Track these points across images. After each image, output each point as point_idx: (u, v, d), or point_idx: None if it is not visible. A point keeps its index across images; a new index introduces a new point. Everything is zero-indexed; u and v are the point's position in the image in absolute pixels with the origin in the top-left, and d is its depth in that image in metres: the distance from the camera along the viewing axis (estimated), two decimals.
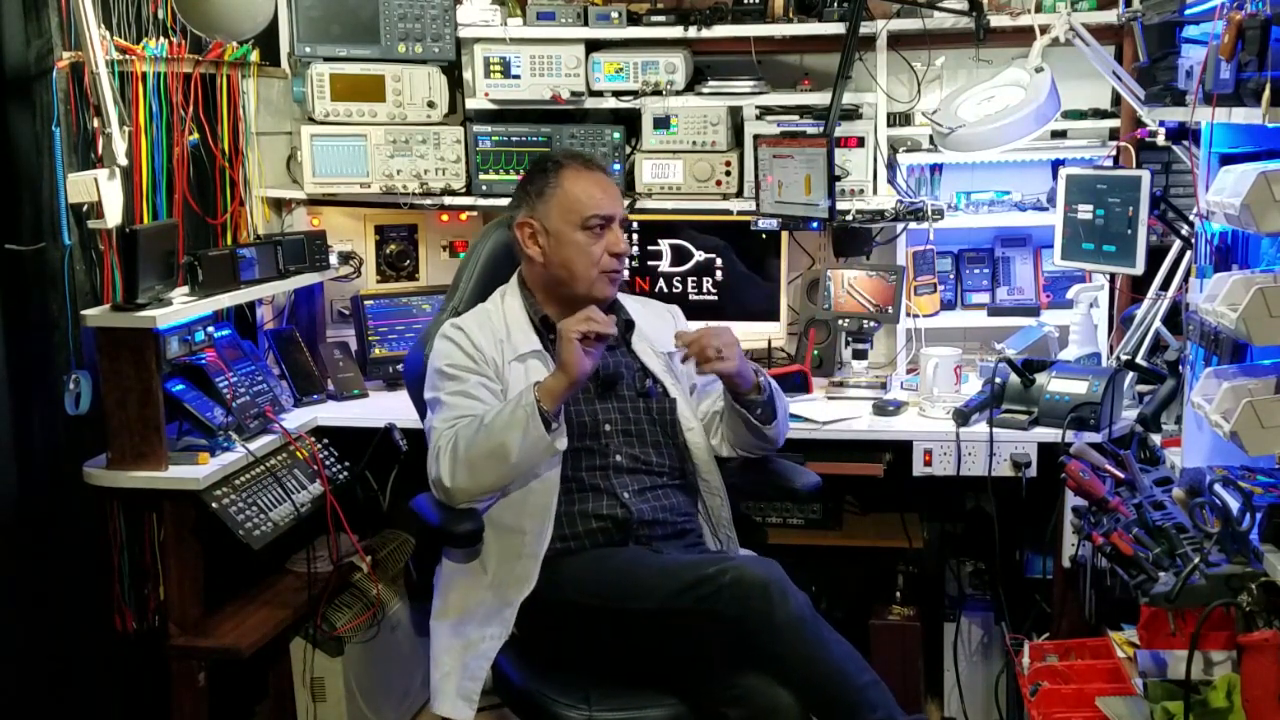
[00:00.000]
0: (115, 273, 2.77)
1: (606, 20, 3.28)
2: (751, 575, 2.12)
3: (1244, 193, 1.90)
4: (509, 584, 2.34)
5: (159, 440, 2.69)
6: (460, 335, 2.45)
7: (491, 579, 2.36)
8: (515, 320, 2.50)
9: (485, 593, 2.36)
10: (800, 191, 3.15)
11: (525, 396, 2.27)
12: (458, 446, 2.30)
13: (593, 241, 2.43)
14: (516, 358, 2.44)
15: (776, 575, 2.14)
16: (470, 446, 2.28)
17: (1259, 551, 1.92)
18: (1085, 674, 2.44)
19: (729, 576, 2.11)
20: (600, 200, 2.44)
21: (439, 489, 2.33)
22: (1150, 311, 2.92)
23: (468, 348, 2.43)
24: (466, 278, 2.67)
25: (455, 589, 2.41)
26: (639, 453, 2.47)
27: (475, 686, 2.33)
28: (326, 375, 3.31)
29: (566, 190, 2.45)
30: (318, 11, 3.34)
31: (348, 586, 3.09)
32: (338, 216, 3.57)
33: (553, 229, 2.45)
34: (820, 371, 3.32)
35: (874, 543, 3.33)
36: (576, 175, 2.46)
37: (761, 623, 2.09)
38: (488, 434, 2.27)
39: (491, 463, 2.27)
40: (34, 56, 2.63)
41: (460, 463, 2.29)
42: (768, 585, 2.10)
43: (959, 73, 3.34)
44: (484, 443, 2.27)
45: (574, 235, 2.43)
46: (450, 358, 2.43)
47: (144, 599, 2.86)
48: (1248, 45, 1.94)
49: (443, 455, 2.31)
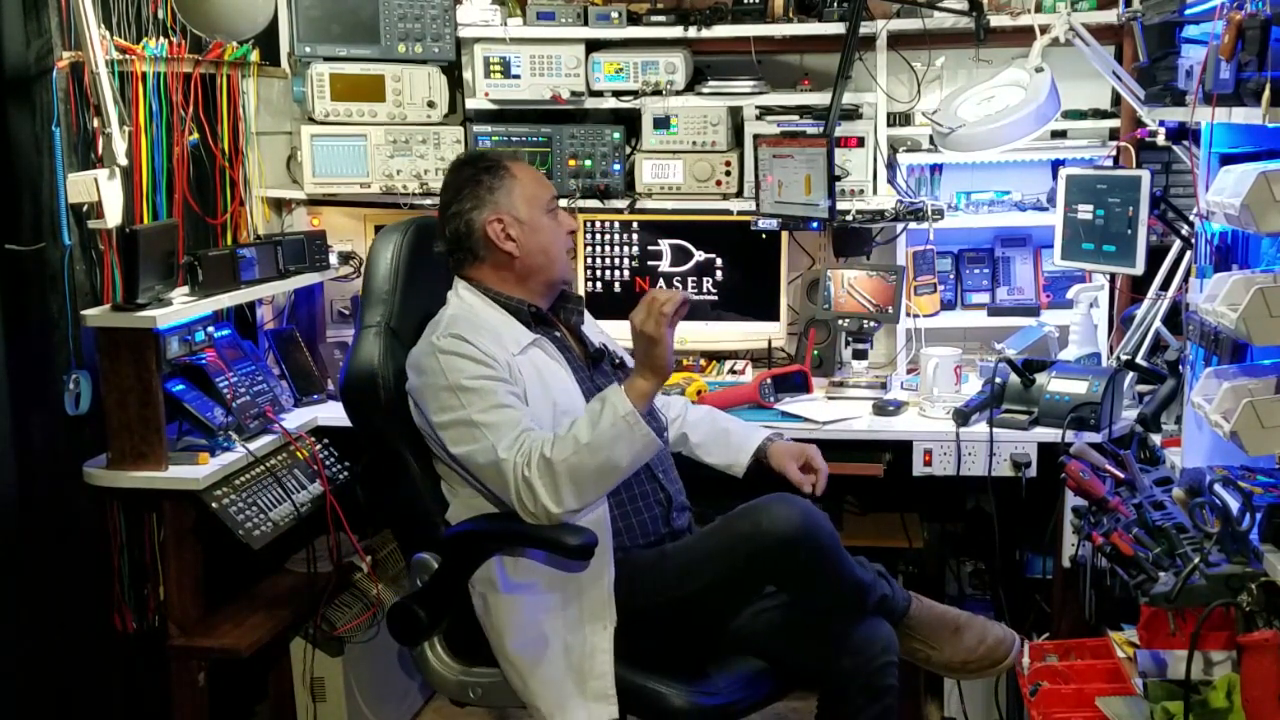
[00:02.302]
0: (115, 273, 2.77)
1: (606, 20, 3.28)
2: (784, 521, 2.20)
3: (1244, 193, 1.90)
4: (585, 578, 2.29)
5: (159, 440, 2.69)
6: (465, 345, 2.31)
7: (558, 583, 2.30)
8: (496, 318, 2.44)
9: (557, 597, 2.30)
10: (800, 191, 3.15)
11: (620, 405, 2.21)
12: (555, 470, 2.19)
13: (557, 223, 2.52)
14: (520, 352, 2.40)
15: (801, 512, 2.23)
16: (573, 468, 2.19)
17: (1259, 551, 1.92)
18: (1085, 674, 2.44)
19: (764, 528, 2.21)
20: (547, 183, 2.56)
21: (540, 518, 2.22)
22: (1150, 311, 2.92)
23: (479, 355, 2.30)
24: (391, 288, 2.53)
25: (524, 609, 2.31)
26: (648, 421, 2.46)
27: (605, 684, 2.26)
28: (326, 375, 3.31)
29: (523, 181, 2.49)
30: (318, 11, 3.34)
31: (348, 586, 3.09)
32: (338, 216, 3.57)
33: (525, 218, 2.47)
34: (820, 371, 3.32)
35: (874, 543, 3.32)
36: (521, 168, 2.53)
37: (811, 560, 2.22)
38: (591, 452, 2.19)
39: (600, 480, 2.23)
40: (34, 56, 2.63)
41: (565, 487, 2.19)
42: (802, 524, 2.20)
43: (959, 73, 3.34)
44: (590, 461, 2.19)
45: (544, 220, 2.49)
46: (465, 371, 2.29)
47: (144, 599, 2.86)
48: (1248, 45, 1.94)
49: (539, 485, 2.19)
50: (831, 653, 2.27)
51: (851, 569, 2.30)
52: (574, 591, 2.30)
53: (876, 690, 2.25)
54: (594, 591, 2.30)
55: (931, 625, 2.41)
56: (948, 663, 2.41)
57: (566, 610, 2.30)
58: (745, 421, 2.77)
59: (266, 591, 3.00)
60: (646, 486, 2.44)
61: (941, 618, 2.43)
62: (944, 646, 2.41)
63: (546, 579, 2.31)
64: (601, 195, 3.39)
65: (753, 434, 2.67)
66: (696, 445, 2.68)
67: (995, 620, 2.48)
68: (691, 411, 2.75)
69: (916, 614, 2.41)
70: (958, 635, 2.41)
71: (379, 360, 2.45)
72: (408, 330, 2.49)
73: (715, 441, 2.68)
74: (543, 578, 2.31)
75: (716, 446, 2.67)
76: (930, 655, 2.41)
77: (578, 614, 2.30)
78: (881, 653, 2.27)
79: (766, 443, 2.62)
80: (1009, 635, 2.43)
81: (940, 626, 2.41)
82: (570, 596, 2.30)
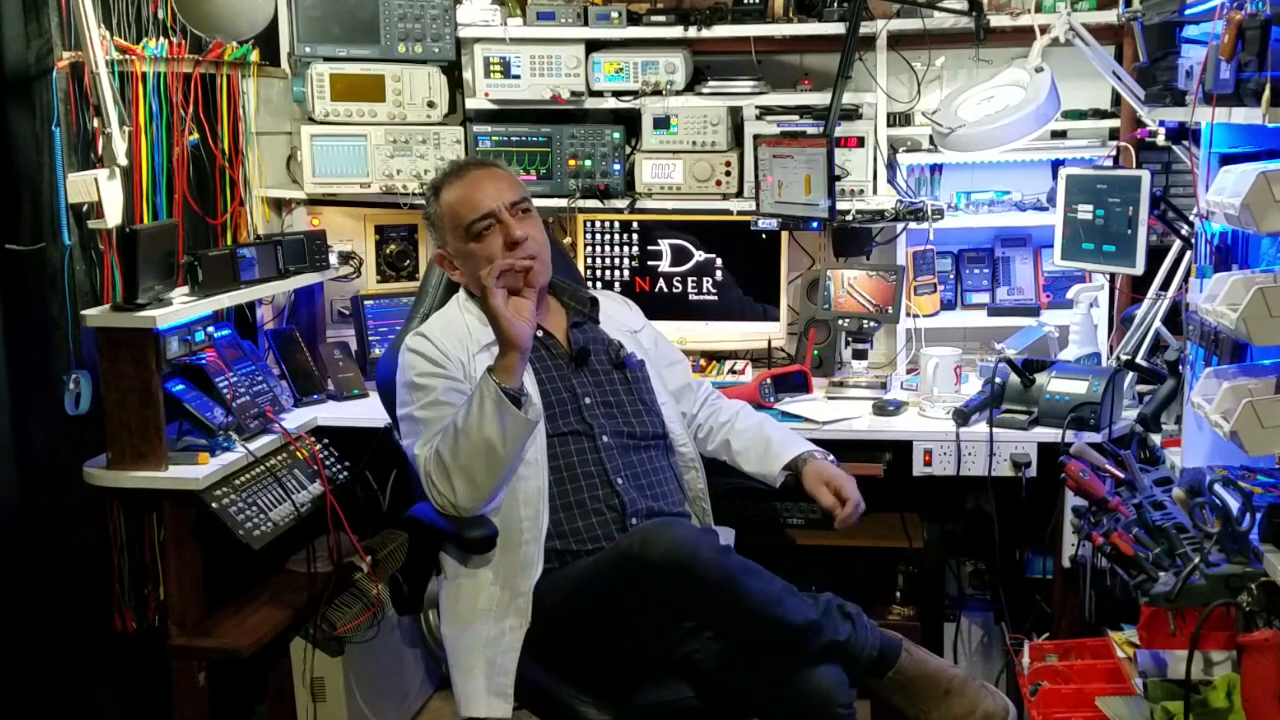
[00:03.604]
0: (115, 273, 2.77)
1: (606, 20, 3.28)
2: (657, 547, 2.08)
3: (1244, 193, 1.90)
4: (515, 572, 2.32)
5: (159, 440, 2.69)
6: (423, 343, 2.42)
7: (496, 573, 2.35)
8: (472, 319, 2.49)
9: (493, 588, 2.34)
10: (800, 191, 3.15)
11: (486, 387, 2.25)
12: (445, 462, 2.28)
13: (486, 244, 2.41)
14: (481, 349, 2.43)
15: (672, 539, 2.09)
16: (456, 456, 2.26)
17: (1259, 551, 1.92)
18: (1085, 674, 2.44)
19: (636, 550, 2.10)
20: (475, 202, 2.42)
21: (446, 509, 2.30)
22: (1150, 311, 2.92)
23: (432, 354, 2.41)
24: (435, 284, 2.68)
25: (461, 592, 2.38)
26: (622, 424, 2.47)
27: (506, 681, 2.27)
28: (326, 375, 3.31)
29: (446, 206, 2.46)
30: (318, 11, 3.34)
31: (348, 586, 3.09)
32: (338, 216, 3.58)
33: (453, 251, 2.47)
34: (820, 371, 3.32)
35: (874, 543, 3.32)
36: (450, 189, 2.46)
37: (689, 590, 2.09)
38: (466, 437, 2.25)
39: (483, 463, 2.26)
40: (34, 56, 2.63)
41: (455, 476, 2.27)
42: (672, 553, 2.07)
43: (959, 73, 3.34)
44: (467, 447, 2.25)
45: (467, 247, 2.43)
46: (416, 368, 2.41)
47: (144, 599, 2.86)
48: (1248, 45, 1.94)
49: (435, 478, 2.29)
50: (767, 696, 2.14)
51: (765, 606, 2.09)
52: (508, 587, 2.32)
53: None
54: (519, 586, 2.31)
55: (921, 684, 2.19)
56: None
57: (496, 603, 2.32)
58: (792, 433, 2.68)
59: (266, 591, 2.99)
60: (599, 492, 2.39)
61: (933, 676, 2.20)
62: (931, 710, 2.18)
63: (491, 569, 2.34)
64: (601, 195, 3.39)
65: (791, 446, 2.57)
66: (737, 453, 2.62)
67: (991, 686, 2.26)
68: (742, 420, 2.68)
69: (905, 667, 2.19)
70: (948, 699, 2.18)
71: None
72: None
73: (755, 450, 2.61)
74: (487, 567, 2.35)
75: (755, 455, 2.60)
76: (919, 716, 2.20)
77: (504, 609, 2.31)
78: (822, 704, 2.08)
79: (801, 460, 2.53)
80: (1002, 705, 2.20)
81: (930, 686, 2.19)
82: (504, 590, 2.32)
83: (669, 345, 2.76)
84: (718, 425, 2.68)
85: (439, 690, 3.45)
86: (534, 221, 2.47)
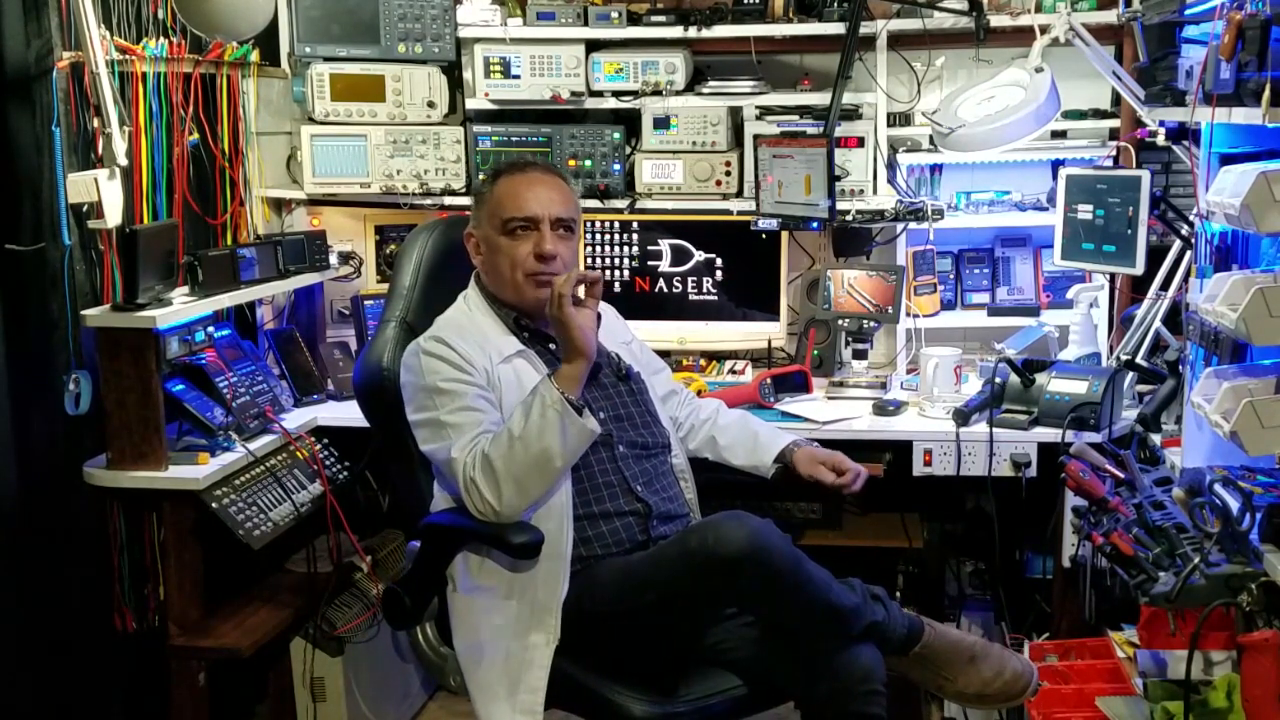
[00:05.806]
0: (115, 273, 2.77)
1: (606, 20, 3.28)
2: (729, 541, 2.11)
3: (1244, 193, 1.90)
4: (540, 588, 2.29)
5: (159, 440, 2.69)
6: (444, 348, 2.35)
7: (513, 586, 2.30)
8: (490, 325, 2.46)
9: (508, 602, 2.30)
10: (800, 191, 3.15)
11: (548, 394, 2.22)
12: (494, 468, 2.21)
13: (516, 245, 2.41)
14: (503, 360, 2.40)
15: (750, 532, 2.13)
16: (510, 463, 2.21)
17: (1259, 551, 1.92)
18: (1085, 674, 2.44)
19: (708, 546, 2.12)
20: (522, 202, 2.42)
21: (487, 515, 2.25)
22: (1150, 311, 2.92)
23: (456, 359, 2.34)
24: (410, 285, 2.60)
25: (474, 606, 2.33)
26: (634, 435, 2.46)
27: (534, 699, 2.24)
28: (326, 375, 3.31)
29: (495, 196, 2.45)
30: (318, 11, 3.34)
31: (348, 586, 3.09)
32: (338, 216, 3.58)
33: (481, 236, 2.47)
34: (820, 371, 3.31)
35: (874, 543, 3.33)
36: (508, 180, 2.46)
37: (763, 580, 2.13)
38: (524, 445, 2.21)
39: (538, 472, 2.22)
40: (34, 56, 2.63)
41: (505, 483, 2.21)
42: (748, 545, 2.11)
43: (959, 73, 3.34)
44: (524, 454, 2.21)
45: (498, 239, 2.43)
46: (439, 372, 2.33)
47: (144, 599, 2.86)
48: (1248, 45, 1.95)
49: (481, 483, 2.22)
50: (807, 677, 2.19)
51: (822, 592, 2.16)
52: (528, 600, 2.29)
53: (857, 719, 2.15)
54: (546, 603, 2.28)
55: (946, 654, 2.26)
56: (962, 693, 2.27)
57: (516, 617, 2.29)
58: (776, 427, 2.73)
59: (266, 591, 2.99)
60: (620, 500, 2.38)
61: (956, 645, 2.27)
62: (958, 677, 2.25)
63: (505, 583, 2.31)
64: (601, 195, 3.39)
65: (779, 438, 2.61)
66: (724, 448, 2.64)
67: (1013, 651, 2.34)
68: (723, 415, 2.71)
69: (930, 642, 2.27)
70: (973, 665, 2.25)
71: (389, 352, 2.50)
72: (423, 326, 2.52)
73: (742, 444, 2.63)
74: (501, 581, 2.31)
75: (743, 449, 2.62)
76: (944, 685, 2.27)
77: (526, 623, 2.28)
78: (862, 681, 2.15)
79: (790, 450, 2.56)
80: (1028, 668, 2.28)
81: (955, 655, 2.26)
82: (523, 604, 2.29)
83: (650, 353, 2.76)
84: (699, 423, 2.68)
85: (439, 690, 3.44)
86: (570, 245, 2.47)
